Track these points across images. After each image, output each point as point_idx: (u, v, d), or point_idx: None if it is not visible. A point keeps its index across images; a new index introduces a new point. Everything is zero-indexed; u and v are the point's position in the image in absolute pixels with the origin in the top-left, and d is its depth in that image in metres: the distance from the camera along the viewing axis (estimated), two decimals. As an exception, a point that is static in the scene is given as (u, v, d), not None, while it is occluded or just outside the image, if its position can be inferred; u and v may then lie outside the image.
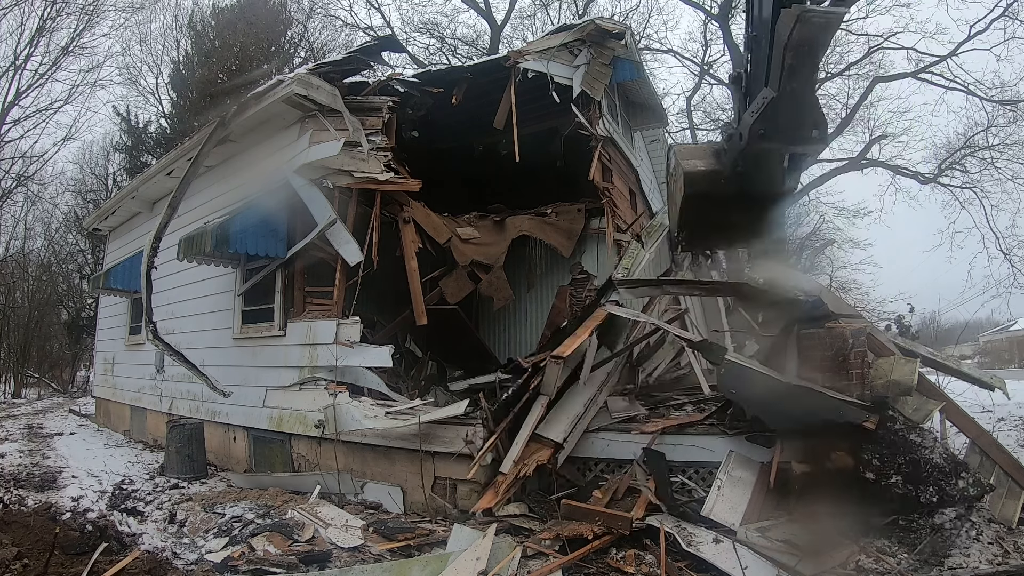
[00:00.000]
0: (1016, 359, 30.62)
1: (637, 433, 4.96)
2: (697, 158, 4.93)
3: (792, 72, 4.09)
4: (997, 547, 3.84)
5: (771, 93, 4.17)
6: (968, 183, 17.06)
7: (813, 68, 4.28)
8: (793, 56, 3.99)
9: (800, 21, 3.76)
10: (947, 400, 4.71)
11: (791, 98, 4.20)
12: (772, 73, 4.18)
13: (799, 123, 4.40)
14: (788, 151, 4.63)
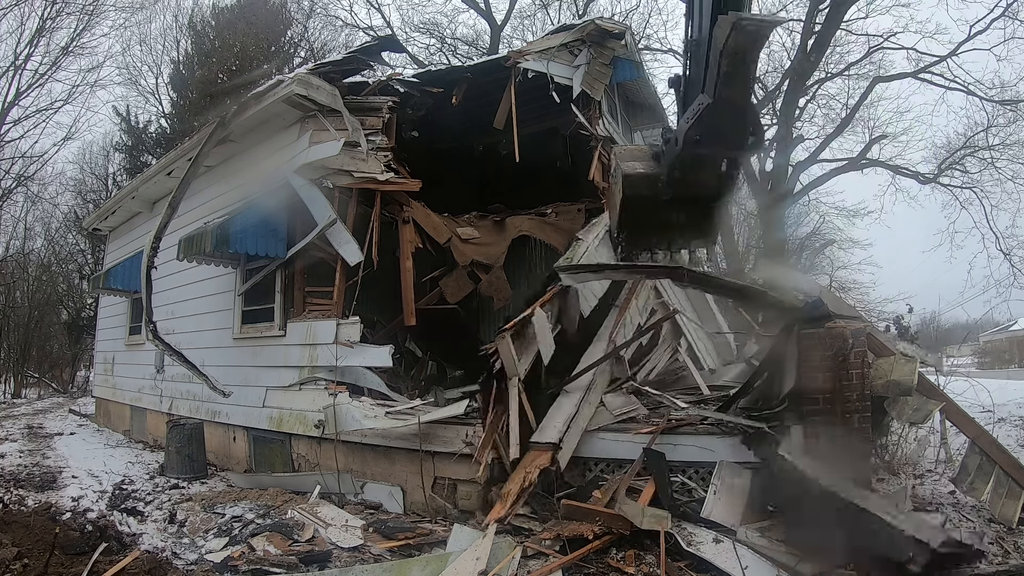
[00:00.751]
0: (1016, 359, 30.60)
1: (637, 433, 4.96)
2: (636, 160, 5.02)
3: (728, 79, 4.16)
4: (997, 547, 3.85)
5: (707, 99, 4.23)
6: (968, 183, 17.04)
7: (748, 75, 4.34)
8: (728, 63, 4.07)
9: (735, 28, 3.84)
10: (947, 400, 4.71)
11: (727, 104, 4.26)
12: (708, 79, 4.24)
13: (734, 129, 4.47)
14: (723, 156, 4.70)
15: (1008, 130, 16.20)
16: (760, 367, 5.02)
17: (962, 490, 4.59)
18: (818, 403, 4.26)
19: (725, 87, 4.29)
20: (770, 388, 4.80)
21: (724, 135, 4.65)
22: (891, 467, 5.44)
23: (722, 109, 4.37)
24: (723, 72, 4.22)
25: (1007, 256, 16.45)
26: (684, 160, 4.63)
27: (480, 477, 4.86)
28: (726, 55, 4.11)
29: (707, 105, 4.33)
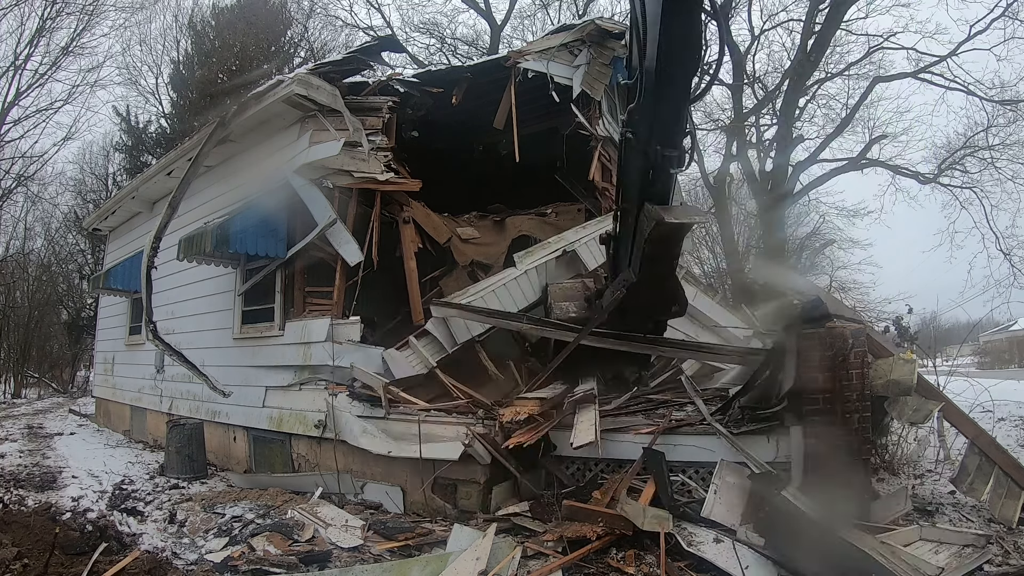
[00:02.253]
0: (1016, 359, 30.59)
1: (637, 433, 4.96)
2: (569, 301, 5.18)
3: (652, 261, 4.23)
4: (997, 547, 3.85)
5: (631, 278, 4.30)
6: (968, 183, 17.04)
7: (672, 259, 4.41)
8: (652, 249, 4.13)
9: (658, 224, 3.91)
10: (946, 400, 4.71)
11: (651, 282, 4.33)
12: (633, 260, 4.31)
13: (659, 304, 4.55)
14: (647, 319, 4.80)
15: (1008, 130, 16.22)
16: (760, 367, 5.02)
17: (962, 490, 4.59)
18: (818, 403, 4.26)
19: (649, 269, 4.38)
20: (770, 388, 4.80)
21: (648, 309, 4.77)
22: (891, 467, 5.44)
23: (645, 287, 4.47)
24: (647, 256, 4.31)
25: (1007, 256, 16.47)
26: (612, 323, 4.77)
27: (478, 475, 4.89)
28: (650, 243, 4.19)
29: (632, 283, 4.43)
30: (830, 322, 4.42)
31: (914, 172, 17.96)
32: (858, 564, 3.39)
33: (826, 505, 3.81)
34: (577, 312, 5.20)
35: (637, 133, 4.36)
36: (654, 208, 4.14)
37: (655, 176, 4.29)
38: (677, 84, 4.07)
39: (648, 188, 4.31)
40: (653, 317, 4.95)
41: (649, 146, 4.21)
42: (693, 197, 23.03)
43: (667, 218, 4.04)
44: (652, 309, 4.73)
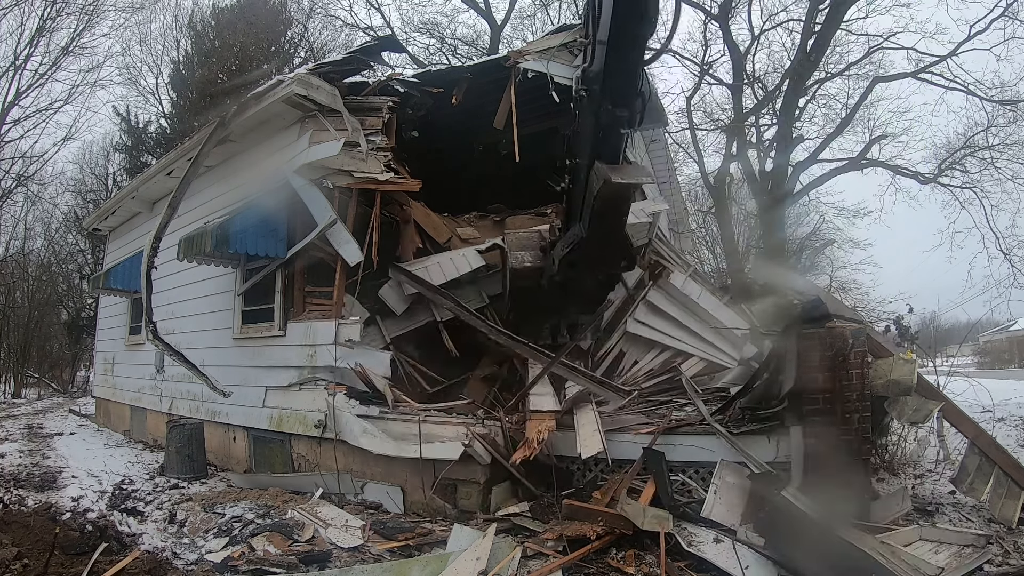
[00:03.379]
0: (1016, 359, 30.59)
1: (637, 433, 4.96)
2: (525, 250, 5.22)
3: (600, 218, 4.25)
4: (997, 547, 3.85)
5: (581, 233, 4.32)
6: (968, 183, 17.03)
7: (620, 216, 4.43)
8: (601, 206, 4.14)
9: (605, 183, 3.93)
10: (946, 400, 4.71)
11: (600, 237, 4.35)
12: (584, 213, 4.33)
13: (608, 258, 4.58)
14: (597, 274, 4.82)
15: (1008, 130, 16.21)
16: (760, 367, 5.02)
17: (962, 490, 4.59)
18: (818, 403, 4.27)
19: (599, 224, 4.40)
20: (770, 388, 4.80)
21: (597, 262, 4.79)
22: (891, 467, 5.44)
23: (594, 242, 4.48)
24: (596, 212, 4.32)
25: (1007, 256, 16.46)
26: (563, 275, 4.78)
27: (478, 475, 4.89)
28: (599, 199, 4.20)
29: (582, 238, 4.44)
30: (830, 322, 4.42)
31: (914, 172, 17.96)
32: (858, 564, 3.38)
33: (826, 505, 3.81)
34: (532, 262, 5.26)
35: (590, 92, 4.38)
36: (603, 167, 4.17)
37: (606, 135, 4.31)
38: (631, 44, 4.04)
39: (599, 146, 4.33)
40: (603, 270, 4.97)
41: (601, 105, 4.23)
42: (693, 197, 23.08)
43: (614, 177, 4.07)
44: (601, 262, 4.77)
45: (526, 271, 4.99)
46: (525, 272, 5.00)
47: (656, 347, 7.32)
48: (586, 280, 4.94)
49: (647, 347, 7.32)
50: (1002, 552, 3.81)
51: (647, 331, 7.23)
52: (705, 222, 23.01)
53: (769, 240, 18.18)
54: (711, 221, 22.57)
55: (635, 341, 7.31)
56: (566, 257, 4.56)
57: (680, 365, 6.94)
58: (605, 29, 4.07)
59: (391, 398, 5.65)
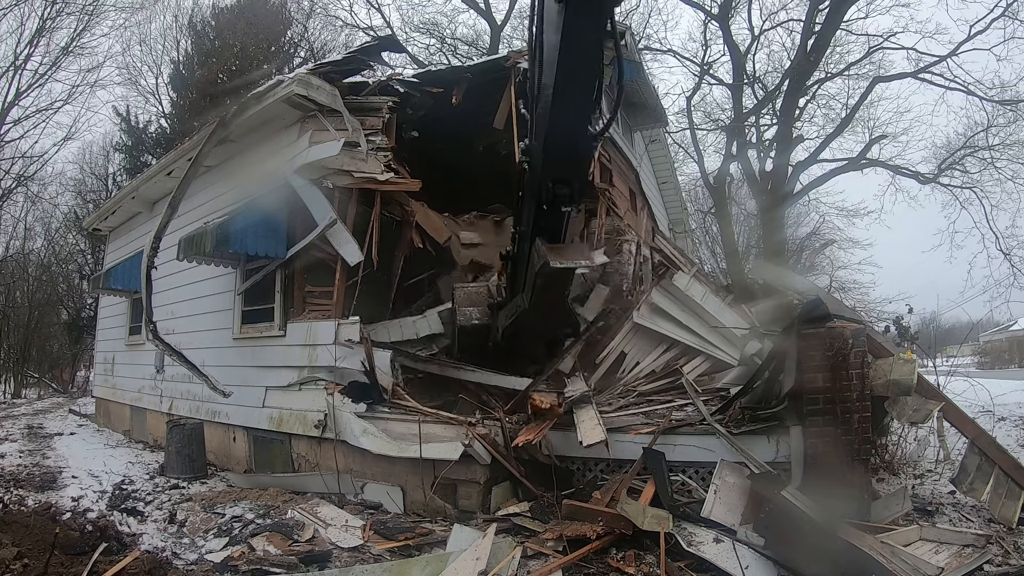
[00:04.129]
0: (1016, 359, 30.56)
1: (637, 433, 4.96)
2: (474, 306, 5.23)
3: (542, 292, 4.23)
4: (997, 547, 3.85)
5: (524, 304, 4.30)
6: (968, 183, 17.05)
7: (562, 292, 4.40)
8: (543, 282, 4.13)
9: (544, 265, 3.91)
10: (946, 400, 4.71)
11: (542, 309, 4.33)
12: (526, 286, 4.29)
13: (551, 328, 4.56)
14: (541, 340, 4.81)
15: (1008, 130, 16.23)
16: (760, 367, 5.02)
17: (962, 490, 4.59)
18: (818, 403, 4.27)
19: (540, 299, 4.37)
20: (771, 388, 4.80)
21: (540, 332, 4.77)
22: (891, 467, 5.44)
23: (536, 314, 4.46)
24: (538, 287, 4.29)
25: (1007, 256, 16.48)
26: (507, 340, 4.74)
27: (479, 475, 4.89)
28: (540, 276, 4.17)
29: (524, 310, 4.42)
30: (830, 322, 4.42)
31: (914, 172, 17.98)
32: (858, 564, 3.38)
33: (826, 505, 3.81)
34: (480, 319, 5.28)
35: (531, 167, 4.26)
36: (543, 247, 4.12)
37: (548, 211, 4.22)
38: (572, 118, 3.91)
39: (540, 223, 4.27)
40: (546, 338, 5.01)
41: (542, 182, 4.11)
42: (693, 197, 23.08)
43: (552, 262, 4.02)
44: (545, 332, 4.80)
45: (473, 329, 5.01)
46: (472, 330, 5.02)
47: (658, 348, 7.32)
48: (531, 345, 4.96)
49: (649, 348, 7.32)
50: (1002, 552, 3.81)
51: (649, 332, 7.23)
52: (705, 222, 23.03)
53: (769, 240, 18.19)
54: (711, 221, 22.59)
55: (636, 342, 7.31)
56: (509, 327, 4.56)
57: (684, 366, 6.94)
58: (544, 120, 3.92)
59: (391, 391, 5.63)
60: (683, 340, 7.13)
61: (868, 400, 4.29)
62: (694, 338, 7.09)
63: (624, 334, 7.27)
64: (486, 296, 5.40)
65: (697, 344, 7.06)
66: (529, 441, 4.79)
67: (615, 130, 9.19)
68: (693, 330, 7.06)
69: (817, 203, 20.86)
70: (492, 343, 5.02)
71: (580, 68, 3.58)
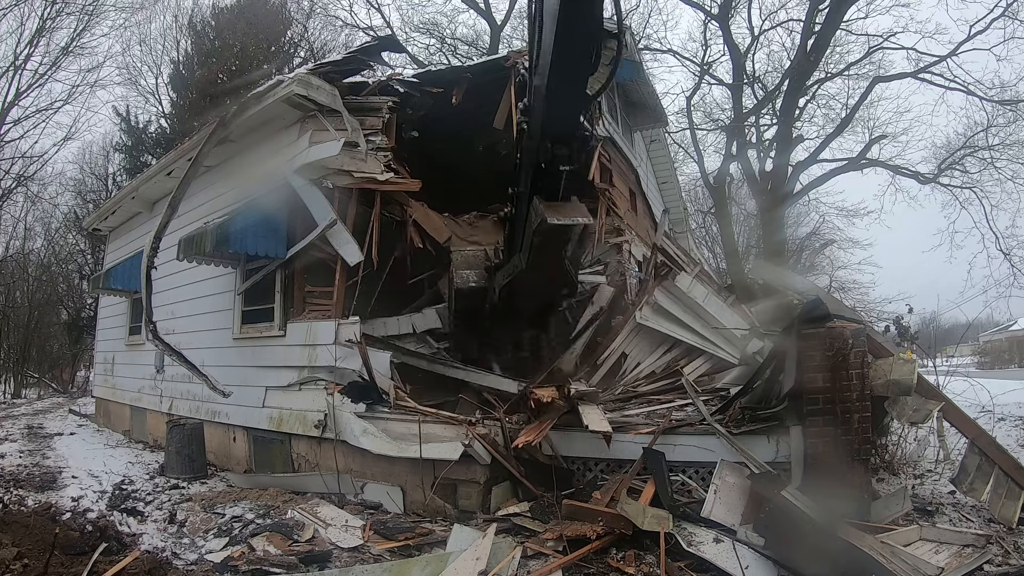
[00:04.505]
0: (1016, 359, 30.57)
1: (637, 433, 4.96)
2: (472, 268, 5.20)
3: (539, 252, 4.23)
4: (997, 547, 3.85)
5: (521, 264, 4.30)
6: (968, 183, 17.07)
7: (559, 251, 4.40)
8: (540, 241, 4.13)
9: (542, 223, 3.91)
10: (946, 400, 4.71)
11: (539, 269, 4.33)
12: (523, 246, 4.29)
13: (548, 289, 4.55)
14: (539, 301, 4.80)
15: (1008, 130, 16.25)
16: (760, 367, 5.02)
17: (962, 490, 4.59)
18: (818, 403, 4.26)
19: (537, 258, 4.37)
20: (771, 388, 4.80)
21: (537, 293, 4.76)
22: (891, 467, 5.44)
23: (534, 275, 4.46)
24: (535, 247, 4.28)
25: (1007, 256, 16.51)
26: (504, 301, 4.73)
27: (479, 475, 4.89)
28: (537, 234, 4.18)
29: (521, 269, 4.41)
30: (830, 322, 4.42)
31: (914, 172, 18.00)
32: (858, 564, 3.38)
33: (826, 505, 3.81)
34: (477, 281, 5.24)
35: (530, 126, 4.32)
36: (541, 204, 4.14)
37: (546, 170, 4.27)
38: (570, 81, 4.00)
39: (538, 182, 4.30)
40: (543, 299, 4.97)
41: (541, 142, 4.19)
42: (693, 197, 23.10)
43: (550, 218, 4.05)
44: (542, 293, 4.77)
45: (470, 291, 4.99)
46: (469, 292, 5.00)
47: (659, 348, 7.32)
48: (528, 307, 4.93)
49: (650, 349, 7.33)
50: (1002, 552, 3.81)
51: (650, 332, 7.24)
52: (705, 222, 23.05)
53: (769, 240, 18.20)
54: (711, 221, 22.61)
55: (638, 343, 7.32)
56: (506, 287, 4.54)
57: (685, 366, 6.95)
58: (544, 71, 4.02)
59: (392, 393, 5.64)
60: (685, 340, 7.14)
61: (868, 400, 4.28)
62: (696, 338, 7.09)
63: (626, 334, 7.28)
64: (483, 259, 5.39)
65: (699, 344, 7.07)
66: (529, 442, 4.79)
67: (615, 130, 9.20)
68: (695, 330, 7.08)
69: (817, 203, 20.91)
70: (489, 304, 5.01)
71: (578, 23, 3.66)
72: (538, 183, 4.28)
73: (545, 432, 4.95)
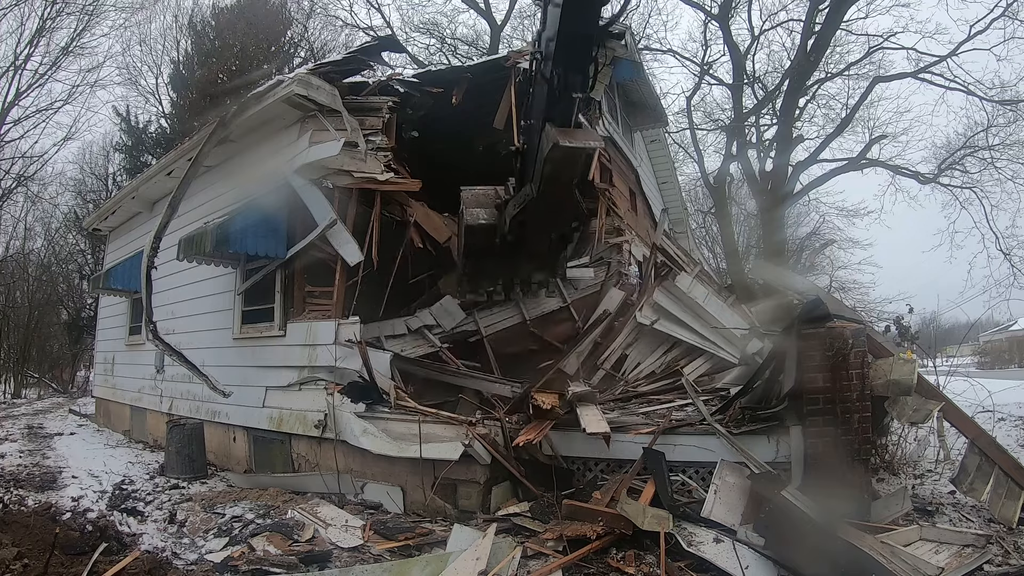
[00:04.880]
0: (1016, 359, 30.55)
1: (637, 433, 4.96)
2: (481, 207, 5.18)
3: (550, 179, 4.21)
4: (997, 547, 3.85)
5: (532, 193, 4.27)
6: (968, 183, 17.07)
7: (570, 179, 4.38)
8: (551, 169, 4.11)
9: (554, 148, 3.89)
10: (946, 401, 4.71)
11: (550, 198, 4.31)
12: (535, 173, 4.27)
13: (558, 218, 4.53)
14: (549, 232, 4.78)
15: (1008, 130, 16.26)
16: (760, 367, 5.02)
17: (962, 490, 4.59)
18: (818, 403, 4.26)
19: (548, 187, 4.35)
20: (771, 388, 4.80)
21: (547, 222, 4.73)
22: (891, 467, 5.44)
23: (544, 204, 4.43)
24: (546, 175, 4.27)
25: (1007, 256, 16.51)
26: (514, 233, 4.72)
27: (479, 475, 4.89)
28: (548, 162, 4.17)
29: (531, 198, 4.40)
30: (830, 322, 4.42)
31: (914, 172, 18.00)
32: (858, 564, 3.38)
33: (826, 505, 3.81)
34: (487, 219, 5.20)
35: (544, 54, 4.33)
36: (553, 130, 4.13)
37: (559, 97, 4.26)
38: (585, 7, 3.97)
39: (551, 109, 4.29)
40: (554, 230, 4.91)
41: (554, 69, 4.19)
42: (693, 197, 23.09)
43: (562, 141, 4.03)
44: (552, 223, 4.73)
45: (480, 228, 4.94)
46: (479, 229, 4.95)
47: (660, 349, 7.33)
48: (538, 239, 4.89)
49: (650, 349, 7.33)
50: (1002, 552, 3.81)
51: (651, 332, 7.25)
52: (705, 222, 23.05)
53: (769, 240, 18.20)
54: (711, 221, 22.61)
55: (638, 344, 7.33)
56: (516, 216, 4.50)
57: (685, 366, 6.95)
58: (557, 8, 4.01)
59: (392, 393, 5.64)
60: (686, 340, 7.14)
61: (868, 400, 4.28)
62: (697, 338, 7.10)
63: (626, 335, 7.29)
64: (493, 198, 5.35)
65: (699, 344, 7.08)
66: (530, 441, 4.79)
67: (615, 130, 9.20)
68: (696, 330, 7.08)
69: (817, 203, 20.91)
70: (500, 239, 4.96)
71: None
72: (551, 111, 4.27)
73: (545, 432, 4.95)
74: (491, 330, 7.43)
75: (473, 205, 5.27)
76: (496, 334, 7.47)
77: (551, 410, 5.01)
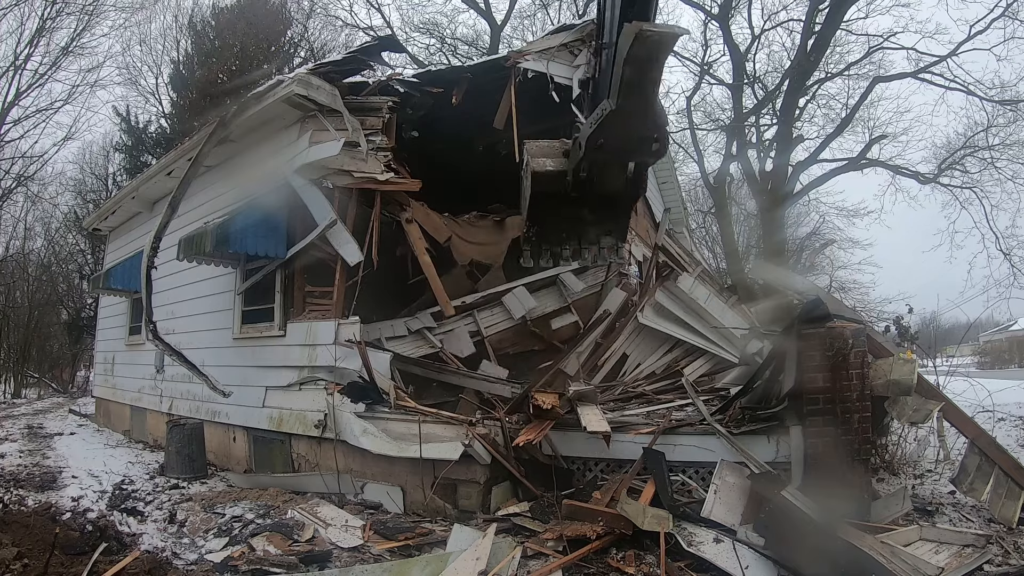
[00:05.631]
0: (1016, 359, 30.56)
1: (637, 433, 4.96)
2: (547, 156, 5.04)
3: (631, 86, 4.13)
4: (997, 547, 3.85)
5: (610, 106, 4.19)
6: (968, 183, 17.09)
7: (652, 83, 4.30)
8: (632, 71, 4.03)
9: (638, 38, 3.82)
10: (946, 401, 4.71)
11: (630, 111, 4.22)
12: (612, 86, 4.19)
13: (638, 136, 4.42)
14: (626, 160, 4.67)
15: (1008, 130, 16.28)
16: (760, 367, 5.02)
17: (962, 490, 4.59)
18: (818, 403, 4.27)
19: (628, 95, 4.27)
20: (771, 388, 4.80)
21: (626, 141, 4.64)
22: (891, 467, 5.44)
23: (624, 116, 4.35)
24: (626, 80, 4.20)
25: (1007, 256, 16.53)
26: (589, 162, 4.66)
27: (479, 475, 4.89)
28: (629, 63, 4.09)
29: (609, 112, 4.32)
30: (830, 322, 4.42)
31: (914, 172, 18.02)
32: (858, 564, 3.38)
33: (826, 505, 3.81)
34: (555, 166, 5.08)
35: None
36: (633, 24, 4.03)
37: None
38: None
39: (628, 8, 4.20)
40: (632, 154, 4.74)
41: None
42: (693, 197, 23.10)
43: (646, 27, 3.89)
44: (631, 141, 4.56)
45: (548, 175, 4.78)
46: (547, 176, 4.80)
47: (660, 349, 7.33)
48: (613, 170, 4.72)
49: (651, 349, 7.34)
50: (1002, 552, 3.81)
51: (651, 332, 7.25)
52: (705, 222, 23.05)
53: (769, 240, 18.21)
54: (711, 221, 22.61)
55: (638, 344, 7.33)
56: (593, 135, 4.35)
57: (686, 367, 6.96)
58: None
59: (392, 393, 5.64)
60: (687, 340, 7.15)
61: (868, 400, 4.29)
62: (697, 338, 7.10)
63: (627, 335, 7.29)
64: (559, 147, 5.23)
65: (700, 344, 7.08)
66: (530, 441, 4.79)
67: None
68: (697, 330, 7.08)
69: (817, 203, 20.92)
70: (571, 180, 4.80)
71: None
72: (628, 9, 4.16)
73: (545, 431, 4.95)
74: (491, 330, 7.45)
75: (538, 155, 5.12)
76: (496, 334, 7.48)
77: (551, 410, 5.01)
